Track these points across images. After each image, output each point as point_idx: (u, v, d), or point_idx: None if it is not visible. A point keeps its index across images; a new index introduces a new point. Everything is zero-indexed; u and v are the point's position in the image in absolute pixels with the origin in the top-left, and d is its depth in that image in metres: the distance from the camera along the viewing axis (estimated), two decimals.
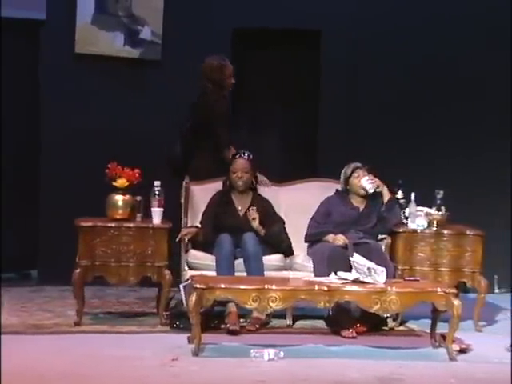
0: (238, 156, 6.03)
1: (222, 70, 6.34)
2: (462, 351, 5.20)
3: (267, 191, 6.20)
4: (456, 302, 5.07)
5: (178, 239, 5.82)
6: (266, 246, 5.85)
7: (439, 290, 5.14)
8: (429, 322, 5.39)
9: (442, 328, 5.27)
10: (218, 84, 6.32)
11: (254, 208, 5.90)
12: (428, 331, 5.42)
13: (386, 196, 6.04)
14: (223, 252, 5.72)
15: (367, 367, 4.83)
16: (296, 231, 6.03)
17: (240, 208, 6.00)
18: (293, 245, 6.01)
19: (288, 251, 5.96)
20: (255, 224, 5.86)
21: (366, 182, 6.01)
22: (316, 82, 7.56)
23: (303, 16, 7.36)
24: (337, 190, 6.16)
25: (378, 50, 7.39)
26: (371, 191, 6.01)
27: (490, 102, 7.43)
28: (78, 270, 5.68)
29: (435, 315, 5.29)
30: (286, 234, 6.00)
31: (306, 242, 6.00)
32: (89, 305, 6.01)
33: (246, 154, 6.03)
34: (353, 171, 6.06)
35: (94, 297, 6.48)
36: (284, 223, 6.03)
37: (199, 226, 5.92)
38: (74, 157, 7.19)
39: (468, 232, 6.00)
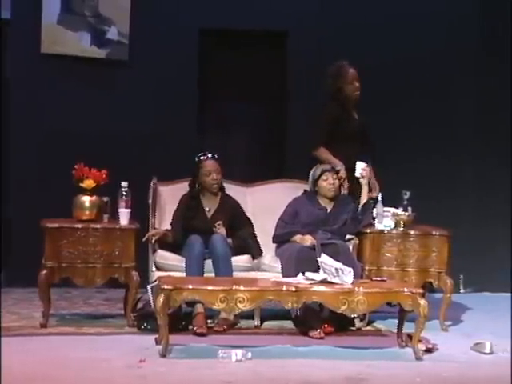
0: (205, 157, 6.01)
1: (339, 75, 6.32)
2: (428, 351, 5.23)
3: (235, 192, 6.20)
4: (422, 301, 5.10)
5: (144, 239, 5.80)
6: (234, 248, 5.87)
7: (406, 290, 5.17)
8: (396, 322, 5.42)
9: (408, 328, 5.30)
10: (336, 88, 6.29)
11: (221, 223, 5.89)
12: (395, 331, 5.45)
13: (364, 197, 6.07)
14: (193, 253, 5.72)
15: (334, 367, 4.85)
16: (263, 232, 6.04)
17: (208, 209, 6.00)
18: (261, 245, 6.02)
19: (257, 254, 5.96)
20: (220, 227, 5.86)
21: (361, 169, 6.02)
22: (283, 82, 7.58)
23: (270, 16, 7.38)
24: (305, 191, 6.17)
25: (344, 50, 7.40)
26: (358, 176, 6.03)
27: (457, 102, 7.49)
28: (44, 272, 5.64)
29: (402, 315, 5.33)
30: (255, 237, 6.01)
31: (273, 242, 6.01)
32: (55, 306, 5.97)
33: (211, 155, 6.02)
34: (321, 174, 6.08)
35: (61, 298, 6.44)
36: (252, 225, 6.03)
37: (169, 228, 5.91)
38: (41, 157, 7.14)
39: (434, 232, 6.04)
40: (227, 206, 5.99)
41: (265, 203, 6.23)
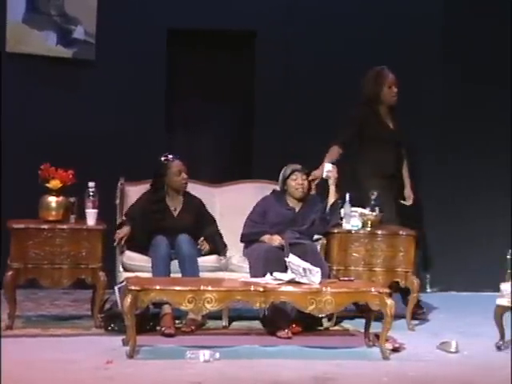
0: (171, 158, 5.98)
1: (378, 79, 6.39)
2: (395, 350, 5.26)
3: (204, 192, 6.20)
4: (389, 301, 5.13)
5: (116, 244, 5.78)
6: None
7: (373, 289, 5.20)
8: (363, 321, 5.45)
9: (375, 327, 5.33)
10: (374, 92, 6.35)
11: (204, 241, 5.89)
12: (362, 331, 5.47)
13: (332, 197, 6.09)
14: (159, 253, 5.71)
15: (302, 367, 4.86)
16: (232, 232, 6.04)
17: (174, 209, 5.99)
18: (229, 245, 6.03)
19: (224, 251, 5.96)
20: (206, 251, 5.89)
21: (327, 171, 6.06)
22: (251, 82, 7.58)
23: (238, 16, 7.38)
24: (273, 191, 6.18)
25: (312, 50, 7.44)
26: (324, 177, 6.09)
27: (421, 102, 7.52)
28: (10, 273, 5.59)
29: (369, 315, 5.35)
30: (220, 234, 6.02)
31: (241, 241, 6.02)
32: (21, 308, 5.92)
33: (173, 156, 6.01)
34: (291, 173, 6.09)
35: (27, 300, 6.38)
36: (216, 222, 6.04)
37: (124, 218, 5.88)
38: (6, 157, 7.07)
39: (401, 232, 6.08)
40: (192, 205, 5.99)
41: (233, 203, 6.23)
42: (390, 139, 6.38)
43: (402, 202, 6.47)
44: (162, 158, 5.99)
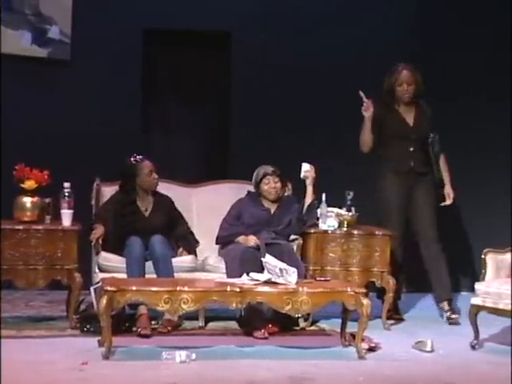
0: (140, 159, 5.95)
1: (391, 76, 6.33)
2: (371, 350, 5.28)
3: (180, 193, 6.19)
4: (365, 301, 5.14)
5: (93, 243, 5.76)
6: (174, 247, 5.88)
7: (349, 289, 5.21)
8: (339, 321, 5.46)
9: (352, 327, 5.34)
10: (387, 89, 6.33)
11: (184, 252, 5.90)
12: (338, 331, 5.49)
13: (310, 197, 6.09)
14: (133, 254, 5.69)
15: (279, 367, 4.86)
16: (208, 232, 6.04)
17: (145, 209, 5.97)
18: (205, 246, 6.03)
19: (195, 249, 5.97)
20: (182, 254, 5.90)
21: (305, 171, 6.06)
22: (227, 83, 7.57)
23: (213, 16, 7.37)
24: (249, 192, 6.19)
25: (288, 50, 7.45)
26: (302, 177, 6.09)
27: None
28: None
29: (345, 315, 5.37)
30: (191, 232, 6.03)
31: (217, 243, 6.02)
32: None
33: (142, 156, 5.99)
34: (263, 177, 6.09)
35: (2, 301, 6.33)
36: (184, 219, 6.03)
37: (96, 219, 5.86)
38: None
39: (377, 232, 6.10)
40: (163, 205, 5.99)
41: (209, 204, 6.23)
42: (406, 136, 6.32)
43: (441, 204, 6.37)
44: (132, 159, 5.96)
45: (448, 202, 6.40)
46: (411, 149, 6.32)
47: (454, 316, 6.19)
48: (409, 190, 6.33)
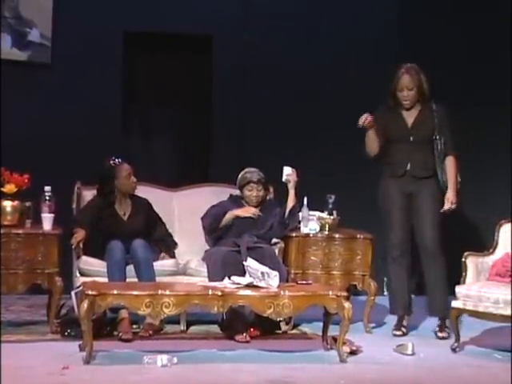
0: (118, 162, 5.93)
1: (394, 80, 6.01)
2: (353, 353, 5.29)
3: (161, 196, 6.18)
4: (347, 304, 5.15)
5: (74, 247, 5.73)
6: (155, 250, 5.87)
7: (331, 293, 5.22)
8: (321, 324, 5.47)
9: (334, 330, 5.35)
10: (389, 92, 6.05)
11: (166, 255, 5.90)
12: (320, 334, 5.49)
13: (292, 201, 6.09)
14: (114, 258, 5.67)
15: (260, 371, 4.86)
16: (189, 236, 6.04)
17: (124, 213, 5.96)
18: (187, 249, 6.02)
19: (174, 251, 5.97)
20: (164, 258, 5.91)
21: (287, 174, 6.07)
22: (208, 86, 7.57)
23: (195, 19, 7.37)
24: (230, 195, 6.18)
25: (270, 53, 7.46)
26: (284, 180, 6.10)
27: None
28: None
29: (327, 318, 5.37)
30: (170, 234, 6.03)
31: (202, 219, 6.00)
32: None
33: (120, 159, 5.97)
34: (247, 184, 6.09)
35: None
36: (162, 220, 6.03)
37: (76, 223, 5.83)
38: None
39: (358, 236, 6.11)
40: (141, 208, 5.98)
41: (191, 207, 6.21)
42: (403, 138, 5.97)
43: (441, 210, 5.90)
44: (110, 162, 5.94)
45: (446, 207, 5.86)
46: (408, 151, 5.95)
47: (440, 334, 5.87)
48: (409, 195, 5.94)
